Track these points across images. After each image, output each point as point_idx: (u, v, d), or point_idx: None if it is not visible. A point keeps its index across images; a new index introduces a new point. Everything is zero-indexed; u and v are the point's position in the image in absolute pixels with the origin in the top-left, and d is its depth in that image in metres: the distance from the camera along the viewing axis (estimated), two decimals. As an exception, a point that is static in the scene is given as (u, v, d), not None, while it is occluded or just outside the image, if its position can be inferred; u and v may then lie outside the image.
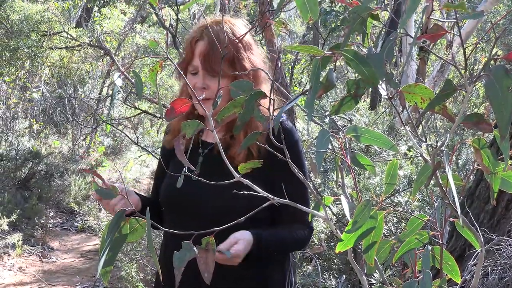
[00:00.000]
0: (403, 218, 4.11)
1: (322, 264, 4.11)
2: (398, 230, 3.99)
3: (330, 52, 1.10)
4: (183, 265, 1.10)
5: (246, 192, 1.27)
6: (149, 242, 1.11)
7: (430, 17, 1.14)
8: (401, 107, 1.22)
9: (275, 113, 1.22)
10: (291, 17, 18.95)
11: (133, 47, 10.88)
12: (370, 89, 1.38)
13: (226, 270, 1.82)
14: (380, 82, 1.19)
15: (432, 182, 1.20)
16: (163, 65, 1.44)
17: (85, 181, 8.71)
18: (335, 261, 4.14)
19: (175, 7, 5.29)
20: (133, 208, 1.20)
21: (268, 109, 1.21)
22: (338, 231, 1.31)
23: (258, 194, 1.26)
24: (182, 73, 1.54)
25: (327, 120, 4.99)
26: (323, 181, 4.64)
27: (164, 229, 1.34)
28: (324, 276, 3.88)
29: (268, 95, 1.21)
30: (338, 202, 3.99)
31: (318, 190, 4.26)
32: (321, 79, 1.13)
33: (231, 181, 1.23)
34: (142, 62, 10.64)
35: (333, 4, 7.84)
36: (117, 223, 1.13)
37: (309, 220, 2.05)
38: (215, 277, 1.18)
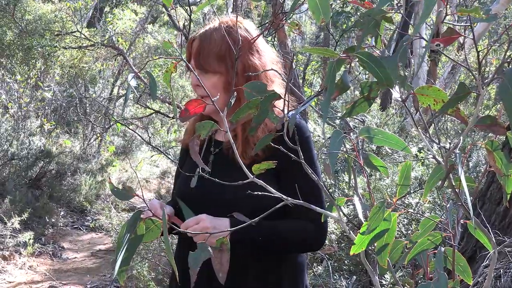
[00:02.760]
0: (414, 219, 4.11)
1: (332, 264, 4.11)
2: (409, 232, 3.99)
3: (345, 55, 1.10)
4: (198, 266, 1.11)
5: (260, 193, 1.28)
6: (166, 243, 1.12)
7: (442, 20, 1.14)
8: (413, 108, 1.22)
9: (289, 114, 1.23)
10: (302, 17, 18.92)
11: (144, 48, 10.91)
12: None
13: (238, 270, 1.83)
14: (394, 84, 1.20)
15: (444, 183, 1.20)
16: (176, 66, 1.45)
17: (96, 180, 8.75)
18: (346, 262, 4.14)
19: (188, 8, 5.28)
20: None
21: (283, 109, 1.22)
22: (352, 232, 1.31)
23: (270, 194, 1.26)
24: (196, 74, 1.55)
25: (337, 121, 4.99)
26: (334, 182, 4.64)
27: (179, 229, 1.36)
28: (335, 277, 3.89)
29: (280, 95, 1.22)
30: (349, 203, 4.00)
31: (329, 191, 4.26)
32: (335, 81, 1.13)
33: (245, 181, 1.24)
34: (153, 62, 10.66)
35: (344, 5, 7.84)
36: (133, 224, 1.14)
37: (321, 220, 1.97)
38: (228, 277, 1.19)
